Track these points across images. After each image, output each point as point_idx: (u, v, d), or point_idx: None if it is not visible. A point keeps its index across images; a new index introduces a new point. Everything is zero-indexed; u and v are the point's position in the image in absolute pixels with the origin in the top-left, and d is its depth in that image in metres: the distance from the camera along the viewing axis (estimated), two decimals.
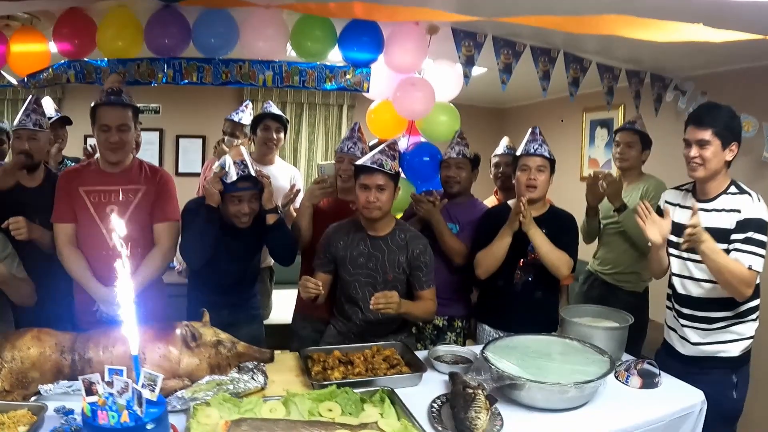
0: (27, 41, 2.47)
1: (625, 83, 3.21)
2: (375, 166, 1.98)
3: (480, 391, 1.51)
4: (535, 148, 2.19)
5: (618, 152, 2.75)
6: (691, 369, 1.87)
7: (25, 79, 2.48)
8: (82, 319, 2.07)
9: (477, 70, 3.66)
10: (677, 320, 1.92)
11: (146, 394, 1.28)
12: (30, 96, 2.25)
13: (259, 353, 1.68)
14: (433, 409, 1.56)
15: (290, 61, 2.46)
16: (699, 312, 1.86)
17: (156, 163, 4.55)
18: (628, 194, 2.61)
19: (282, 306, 3.19)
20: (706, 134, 1.75)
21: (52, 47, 2.48)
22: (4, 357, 1.52)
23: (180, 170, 4.95)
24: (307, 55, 2.47)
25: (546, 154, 2.19)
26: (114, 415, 1.21)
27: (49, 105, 2.81)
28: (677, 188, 2.02)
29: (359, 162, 2.05)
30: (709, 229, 1.72)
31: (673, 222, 1.89)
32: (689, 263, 1.86)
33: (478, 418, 1.42)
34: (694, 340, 1.87)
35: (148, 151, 4.63)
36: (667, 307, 2.00)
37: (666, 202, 1.99)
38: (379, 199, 2.00)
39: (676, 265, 1.93)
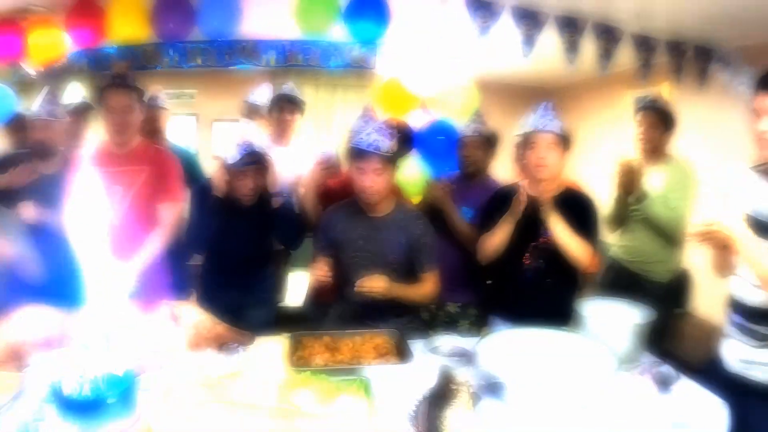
0: (44, 34, 2.57)
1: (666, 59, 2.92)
2: (371, 149, 1.90)
3: (464, 389, 1.42)
4: (544, 123, 2.00)
5: (641, 133, 2.52)
6: (731, 392, 1.53)
7: (42, 70, 2.58)
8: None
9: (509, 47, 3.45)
10: (729, 327, 1.62)
11: (112, 369, 1.31)
12: (45, 87, 2.36)
13: (239, 335, 1.67)
14: (412, 406, 1.48)
15: (293, 39, 2.41)
16: (749, 323, 1.53)
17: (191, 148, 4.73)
18: (652, 178, 2.39)
19: (298, 289, 3.19)
20: None
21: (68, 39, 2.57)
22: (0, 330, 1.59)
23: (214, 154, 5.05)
24: (311, 31, 2.40)
25: (557, 130, 1.99)
26: (76, 387, 1.24)
27: (76, 91, 2.93)
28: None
29: (353, 142, 1.97)
30: None
31: None
32: None
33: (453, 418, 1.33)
34: (739, 356, 1.56)
35: (184, 136, 4.77)
36: (726, 312, 1.68)
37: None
38: (377, 183, 1.93)
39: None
